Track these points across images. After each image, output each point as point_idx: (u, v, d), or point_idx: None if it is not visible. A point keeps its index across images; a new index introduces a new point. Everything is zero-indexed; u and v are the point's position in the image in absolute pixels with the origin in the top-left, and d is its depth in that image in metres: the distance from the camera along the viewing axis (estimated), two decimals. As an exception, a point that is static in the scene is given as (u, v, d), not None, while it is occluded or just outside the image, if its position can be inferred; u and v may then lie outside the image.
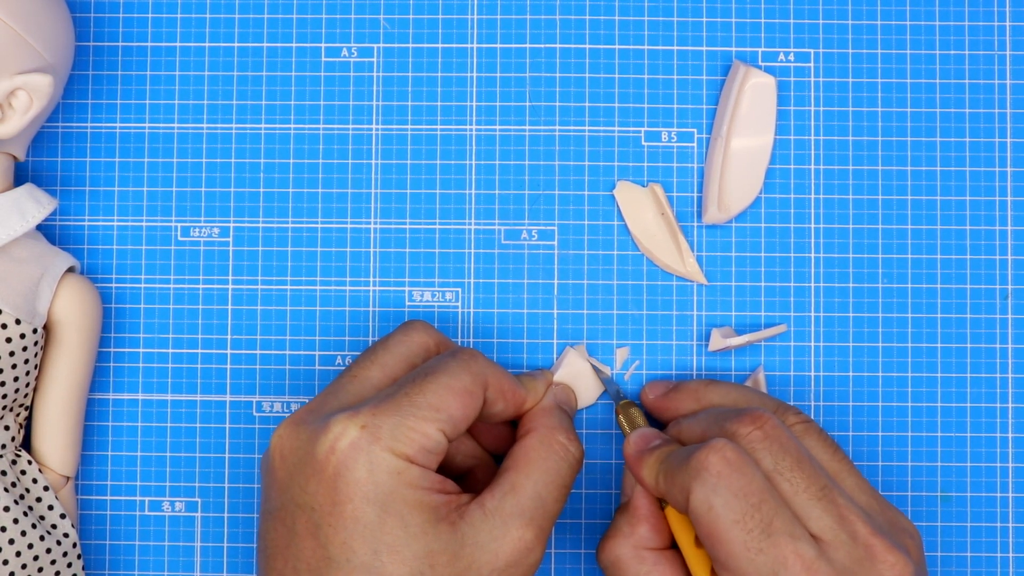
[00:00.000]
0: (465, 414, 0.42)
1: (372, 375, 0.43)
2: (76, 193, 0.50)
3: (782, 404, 0.44)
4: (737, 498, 0.39)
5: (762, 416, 0.41)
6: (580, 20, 0.50)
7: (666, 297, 0.50)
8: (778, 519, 0.39)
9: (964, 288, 0.50)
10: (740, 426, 0.41)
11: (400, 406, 0.41)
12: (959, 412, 0.49)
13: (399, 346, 0.44)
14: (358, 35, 0.50)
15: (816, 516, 0.40)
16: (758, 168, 0.49)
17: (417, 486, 0.41)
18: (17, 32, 0.44)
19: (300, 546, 0.41)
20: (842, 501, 0.40)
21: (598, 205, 0.50)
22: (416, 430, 0.41)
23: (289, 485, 0.41)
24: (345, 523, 0.40)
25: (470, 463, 0.46)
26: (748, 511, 0.39)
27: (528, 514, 0.42)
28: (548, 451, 0.43)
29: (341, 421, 0.41)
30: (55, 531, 0.46)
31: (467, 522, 0.41)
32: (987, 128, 0.50)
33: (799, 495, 0.40)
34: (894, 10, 0.50)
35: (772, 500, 0.39)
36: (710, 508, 0.39)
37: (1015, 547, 0.49)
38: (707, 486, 0.39)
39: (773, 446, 0.41)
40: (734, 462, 0.40)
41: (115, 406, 0.50)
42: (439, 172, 0.50)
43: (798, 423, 0.43)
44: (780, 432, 0.41)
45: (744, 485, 0.39)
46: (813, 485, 0.40)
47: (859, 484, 0.42)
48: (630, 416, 0.46)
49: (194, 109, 0.50)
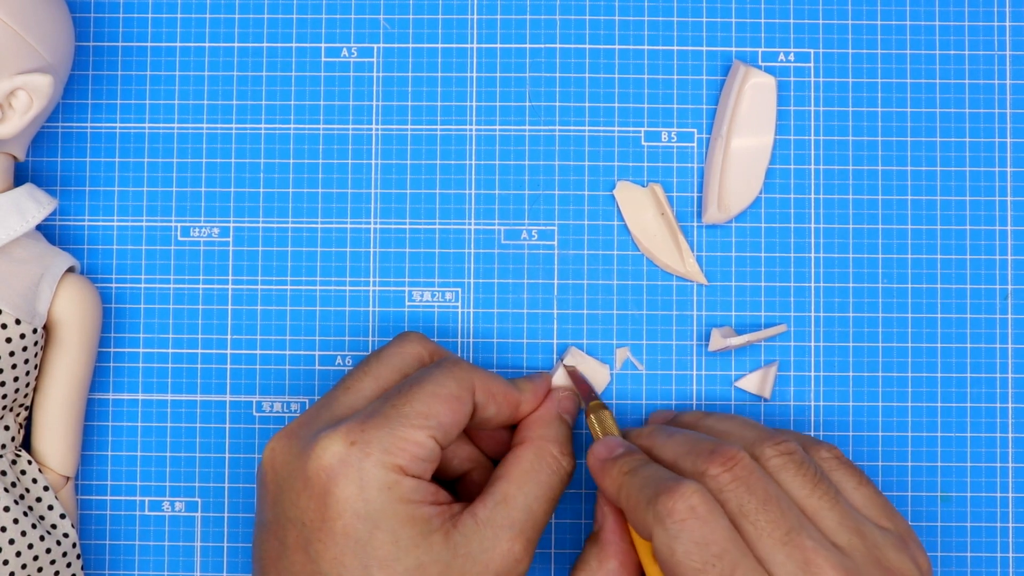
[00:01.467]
0: (455, 419, 0.42)
1: (365, 386, 0.43)
2: (76, 193, 0.50)
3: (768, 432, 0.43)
4: (699, 547, 0.39)
5: (735, 456, 0.40)
6: (580, 20, 0.50)
7: (666, 297, 0.50)
8: (739, 569, 0.39)
9: (964, 288, 0.50)
10: (710, 465, 0.40)
11: (388, 417, 0.41)
12: (959, 412, 0.49)
13: (393, 357, 0.44)
14: (358, 35, 0.50)
15: (780, 562, 0.39)
16: (758, 168, 0.49)
17: (408, 500, 0.40)
18: (17, 32, 0.44)
19: (291, 559, 0.41)
20: (809, 544, 0.39)
21: (598, 205, 0.50)
22: (407, 439, 0.41)
23: (280, 499, 0.41)
24: (336, 539, 0.40)
25: (467, 466, 0.46)
26: (710, 560, 0.39)
27: (518, 526, 0.42)
28: (540, 463, 0.43)
29: (331, 437, 0.41)
30: (55, 531, 0.46)
31: (459, 532, 0.41)
32: (987, 128, 0.50)
33: (763, 539, 0.39)
34: (894, 10, 0.50)
35: (735, 550, 0.39)
36: (672, 554, 0.39)
37: (1015, 547, 0.49)
38: (669, 533, 0.39)
39: (740, 488, 0.40)
40: (699, 511, 0.39)
41: (115, 406, 0.50)
42: (439, 172, 0.50)
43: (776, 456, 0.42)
44: (750, 473, 0.40)
45: (707, 534, 0.39)
46: (779, 529, 0.39)
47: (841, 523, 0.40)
48: (601, 419, 0.45)
49: (194, 109, 0.50)
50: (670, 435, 0.43)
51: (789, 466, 0.42)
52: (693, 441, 0.42)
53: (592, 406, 0.46)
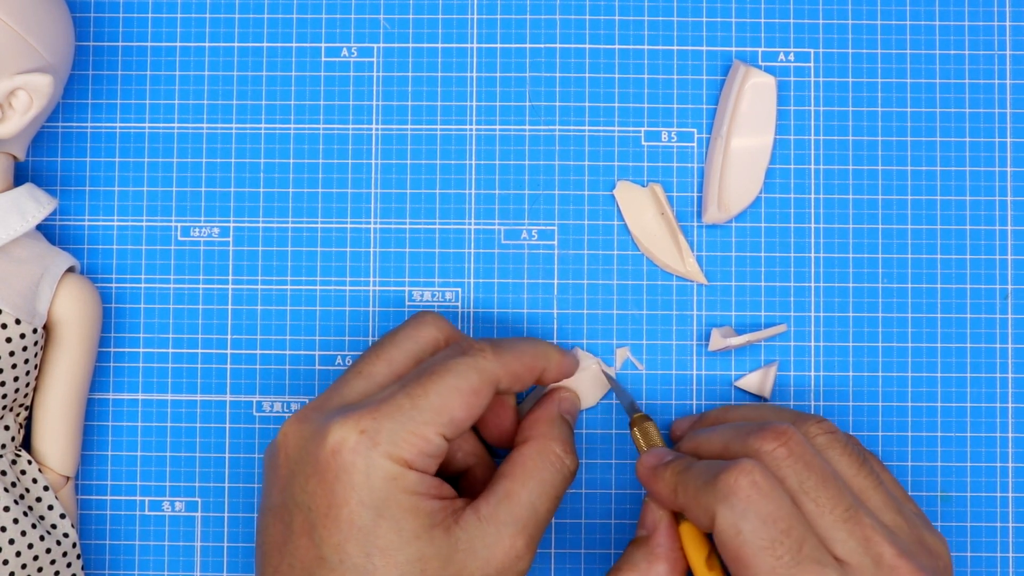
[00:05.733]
0: (469, 414, 0.42)
1: (378, 372, 0.43)
2: (76, 193, 0.50)
3: (802, 414, 0.43)
4: (766, 524, 0.39)
5: (786, 431, 0.40)
6: (580, 20, 0.50)
7: (666, 297, 0.50)
8: (807, 545, 0.38)
9: (964, 288, 0.50)
10: (764, 442, 0.40)
11: (401, 408, 0.41)
12: (959, 412, 0.49)
13: (407, 341, 0.44)
14: (358, 35, 0.50)
15: (841, 539, 0.39)
16: (758, 168, 0.49)
17: (413, 492, 0.41)
18: (17, 32, 0.44)
19: (296, 544, 0.41)
20: (868, 522, 0.39)
21: (598, 205, 0.50)
22: (416, 434, 0.41)
23: (290, 483, 0.42)
24: (340, 525, 0.40)
25: (470, 461, 0.46)
26: (777, 537, 0.38)
27: (521, 522, 0.42)
28: (544, 462, 0.43)
29: (341, 423, 0.41)
30: (55, 531, 0.46)
31: (461, 527, 0.41)
32: (987, 128, 0.50)
33: (824, 516, 0.39)
34: (894, 10, 0.50)
35: (800, 526, 0.39)
36: (738, 533, 0.39)
37: (1015, 547, 0.49)
38: (735, 511, 0.39)
39: (798, 464, 0.40)
40: (763, 486, 0.39)
41: (115, 406, 0.50)
42: (439, 172, 0.50)
43: (821, 434, 0.42)
44: (805, 449, 0.40)
45: (773, 511, 0.39)
46: (839, 506, 0.39)
47: (885, 502, 0.41)
48: (646, 432, 0.45)
49: (194, 109, 0.50)
50: (711, 431, 0.43)
51: (835, 444, 0.42)
52: (737, 427, 0.42)
53: (636, 418, 0.46)
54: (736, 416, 0.45)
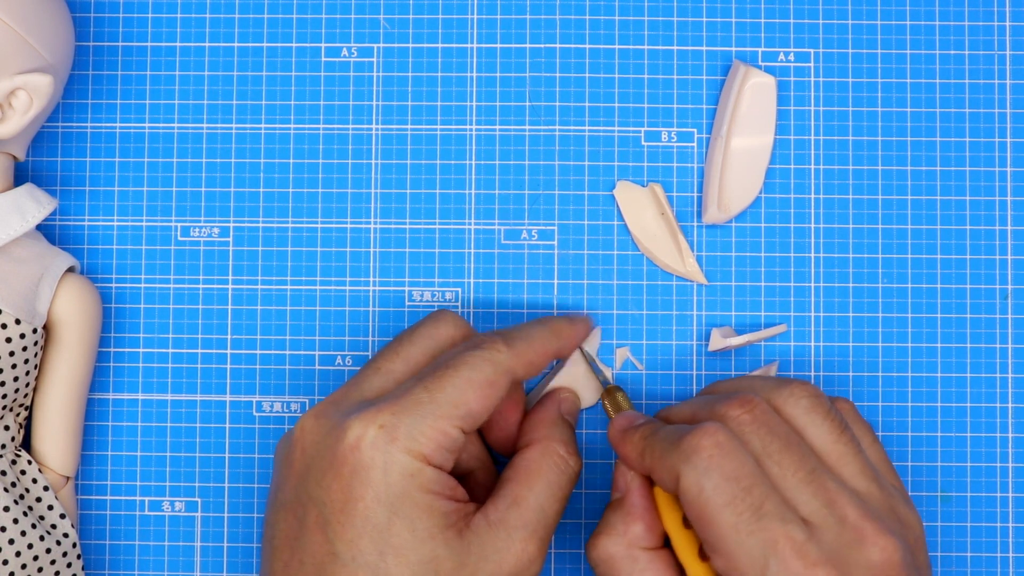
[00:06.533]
0: (485, 406, 0.42)
1: (396, 368, 0.44)
2: (76, 193, 0.50)
3: (789, 380, 0.44)
4: (728, 481, 0.39)
5: (751, 400, 0.41)
6: (580, 20, 0.50)
7: (666, 297, 0.50)
8: (768, 502, 0.39)
9: (964, 288, 0.50)
10: (729, 409, 0.41)
11: (420, 402, 0.41)
12: (959, 412, 0.49)
13: (424, 339, 0.44)
14: (358, 35, 0.50)
15: (805, 500, 0.40)
16: (758, 168, 0.49)
17: (429, 490, 0.41)
18: (17, 32, 0.44)
19: (308, 539, 0.41)
20: (831, 485, 0.40)
21: (598, 205, 0.50)
22: (434, 428, 0.41)
23: (305, 478, 0.42)
24: (354, 521, 0.40)
25: (473, 464, 0.47)
26: (739, 494, 0.39)
27: (531, 526, 0.42)
28: (549, 463, 0.44)
29: (360, 419, 0.41)
30: (55, 531, 0.46)
31: (472, 531, 0.41)
32: (987, 128, 0.50)
33: (787, 478, 0.40)
34: (894, 10, 0.50)
35: (762, 484, 0.39)
36: (701, 491, 0.39)
37: (1015, 547, 0.49)
38: (698, 469, 0.39)
39: (761, 430, 0.41)
40: (725, 445, 0.40)
41: (115, 406, 0.50)
42: (439, 172, 0.50)
43: (804, 396, 0.42)
44: (769, 416, 0.41)
45: (735, 468, 0.39)
46: (801, 469, 0.40)
47: (861, 469, 0.41)
48: (615, 400, 0.47)
49: (194, 109, 0.50)
50: (684, 401, 0.44)
51: (818, 408, 0.42)
52: (707, 397, 0.43)
53: (608, 389, 0.47)
54: (722, 389, 0.46)
